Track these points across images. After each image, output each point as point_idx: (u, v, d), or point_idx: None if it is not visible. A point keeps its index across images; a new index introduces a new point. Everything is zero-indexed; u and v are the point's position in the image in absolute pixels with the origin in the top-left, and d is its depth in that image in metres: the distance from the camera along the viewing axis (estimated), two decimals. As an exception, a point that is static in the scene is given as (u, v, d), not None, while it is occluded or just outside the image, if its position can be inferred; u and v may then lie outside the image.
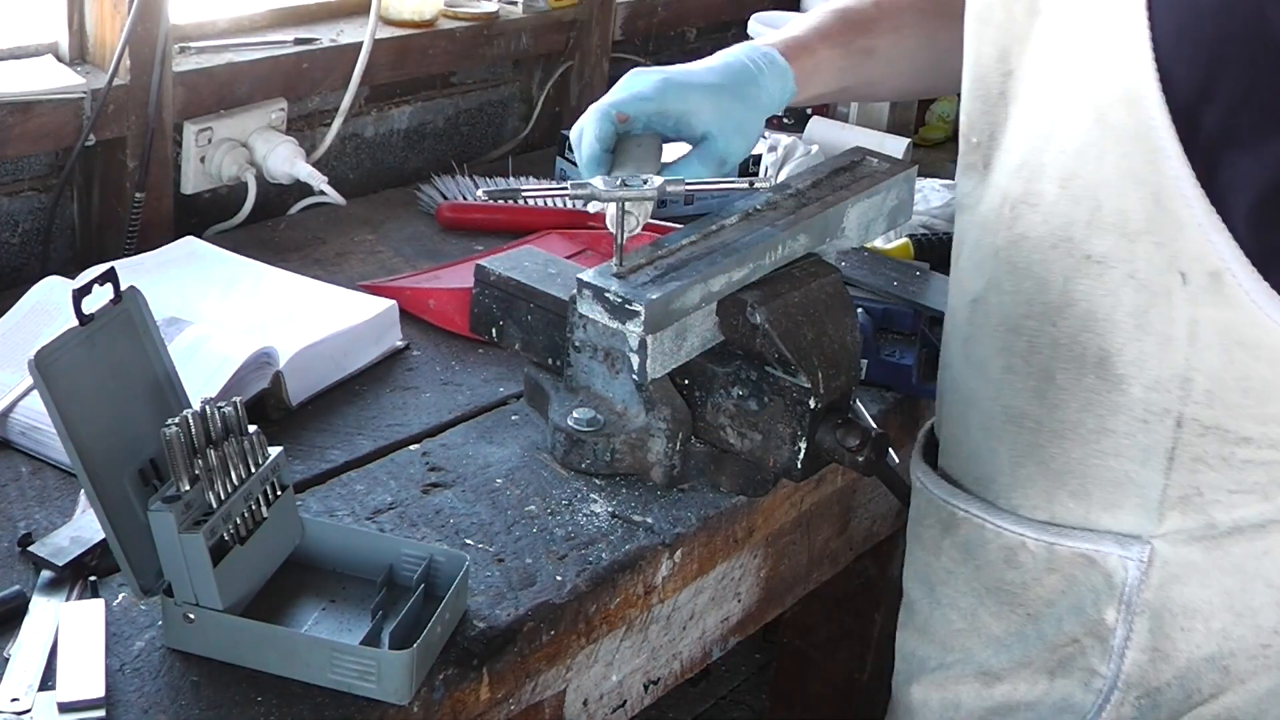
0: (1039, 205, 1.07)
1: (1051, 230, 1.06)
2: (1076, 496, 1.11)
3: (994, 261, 1.12)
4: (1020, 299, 1.10)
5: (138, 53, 1.63)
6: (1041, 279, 1.08)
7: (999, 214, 1.11)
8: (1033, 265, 1.08)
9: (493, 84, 2.19)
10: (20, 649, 1.03)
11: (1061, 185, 1.05)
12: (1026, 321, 1.10)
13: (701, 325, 1.27)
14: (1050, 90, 1.06)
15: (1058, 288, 1.07)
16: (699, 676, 2.26)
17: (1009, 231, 1.10)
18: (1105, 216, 1.02)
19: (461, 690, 1.08)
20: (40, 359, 0.97)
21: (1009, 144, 1.10)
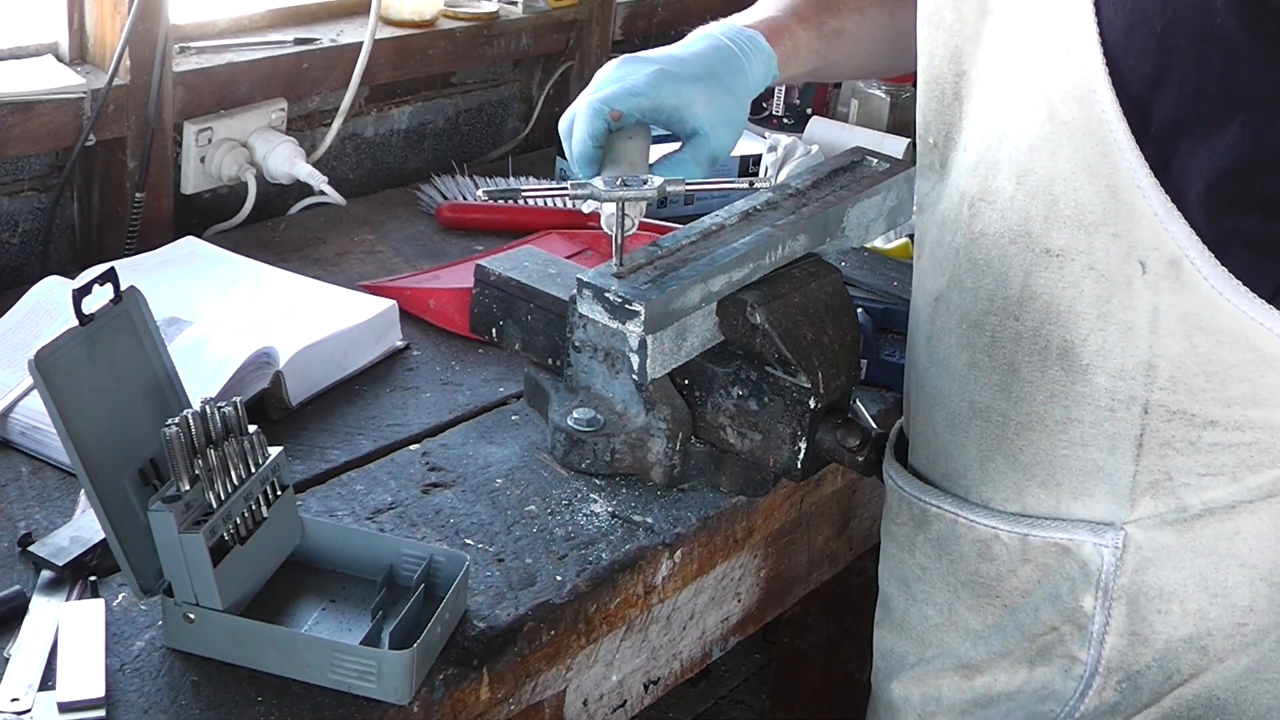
0: (996, 202, 1.08)
1: (1009, 226, 1.07)
2: (1046, 487, 1.12)
3: (954, 259, 1.13)
4: (981, 295, 1.11)
5: (138, 53, 1.63)
6: (1001, 274, 1.09)
7: (958, 212, 1.12)
8: (992, 261, 1.09)
9: (493, 84, 2.19)
10: (20, 649, 1.03)
11: (1017, 181, 1.06)
12: (988, 317, 1.11)
13: (701, 325, 1.27)
14: (1002, 88, 1.07)
15: (1018, 282, 1.08)
16: (699, 676, 2.27)
17: (968, 229, 1.11)
18: (1062, 210, 1.04)
19: (461, 690, 1.08)
20: (40, 359, 0.97)
21: (965, 143, 1.11)
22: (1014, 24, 1.05)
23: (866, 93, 2.18)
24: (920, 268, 1.21)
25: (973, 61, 1.09)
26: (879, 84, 2.17)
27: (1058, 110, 1.02)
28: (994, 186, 1.08)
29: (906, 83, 2.18)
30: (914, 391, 1.23)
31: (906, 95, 2.18)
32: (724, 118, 1.30)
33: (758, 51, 1.34)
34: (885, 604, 1.31)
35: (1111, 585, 1.11)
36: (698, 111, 1.29)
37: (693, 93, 1.29)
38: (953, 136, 1.13)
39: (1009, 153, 1.06)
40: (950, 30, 1.11)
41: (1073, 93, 1.01)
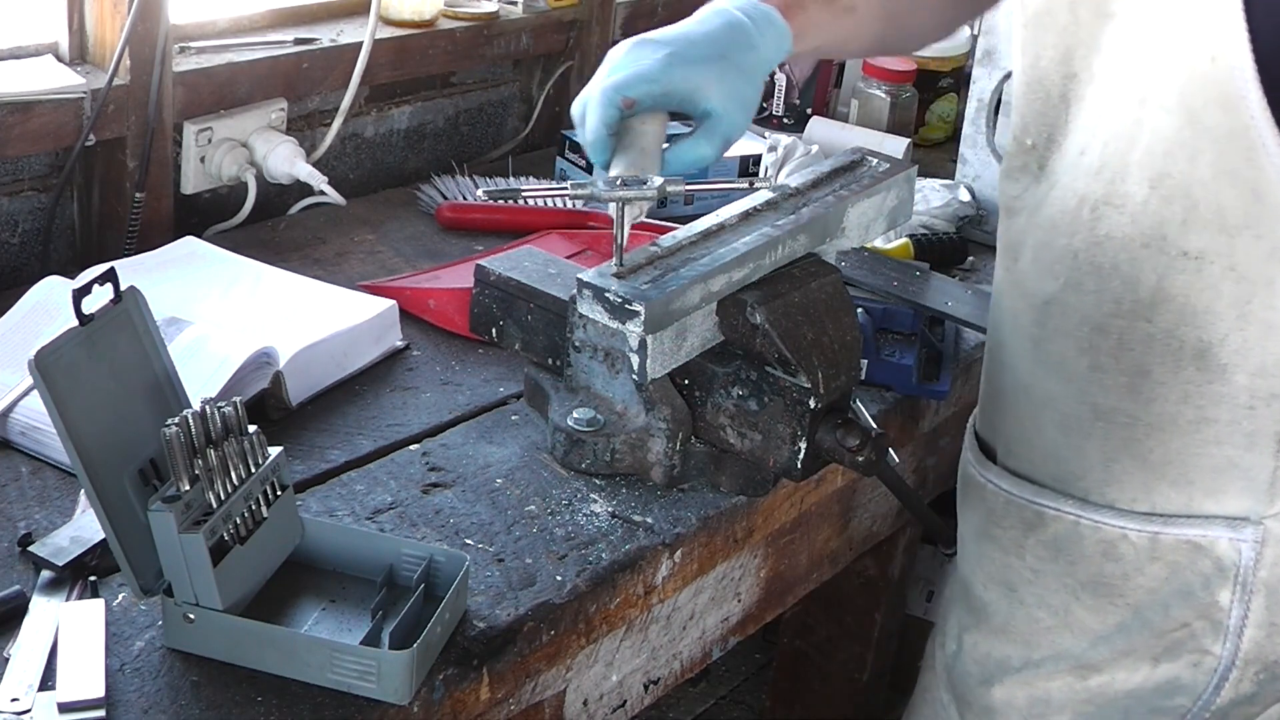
0: (1125, 206, 1.08)
1: (1141, 230, 1.07)
2: (1178, 486, 1.13)
3: (1070, 263, 1.13)
4: (1106, 298, 1.11)
5: (138, 53, 1.63)
6: (1131, 277, 1.09)
7: (1075, 216, 1.11)
8: (1120, 264, 1.09)
9: (493, 84, 2.19)
10: (20, 649, 1.03)
11: (1151, 186, 1.06)
12: (1114, 320, 1.11)
13: (701, 325, 1.27)
14: (1128, 92, 1.06)
15: (1150, 285, 1.08)
16: (699, 676, 2.27)
17: (1089, 233, 1.10)
18: (1202, 214, 1.04)
19: (461, 690, 1.08)
20: (40, 359, 0.97)
21: (1075, 146, 1.11)
22: (1143, 28, 1.05)
23: (866, 93, 2.18)
24: (1018, 271, 1.19)
25: (1086, 65, 1.09)
26: (879, 84, 2.17)
27: (1199, 115, 1.02)
28: (1122, 190, 1.08)
29: (907, 82, 2.18)
30: (1010, 394, 1.23)
31: (907, 95, 2.18)
32: (736, 99, 1.28)
33: (771, 26, 1.31)
34: (982, 609, 1.30)
35: (1251, 579, 1.12)
36: (710, 94, 1.27)
37: (705, 75, 1.27)
38: (1056, 139, 1.13)
39: (1140, 157, 1.06)
40: (1063, 32, 1.10)
41: (1218, 98, 1.01)
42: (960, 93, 2.24)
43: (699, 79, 1.27)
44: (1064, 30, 1.10)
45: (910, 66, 2.18)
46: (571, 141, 2.00)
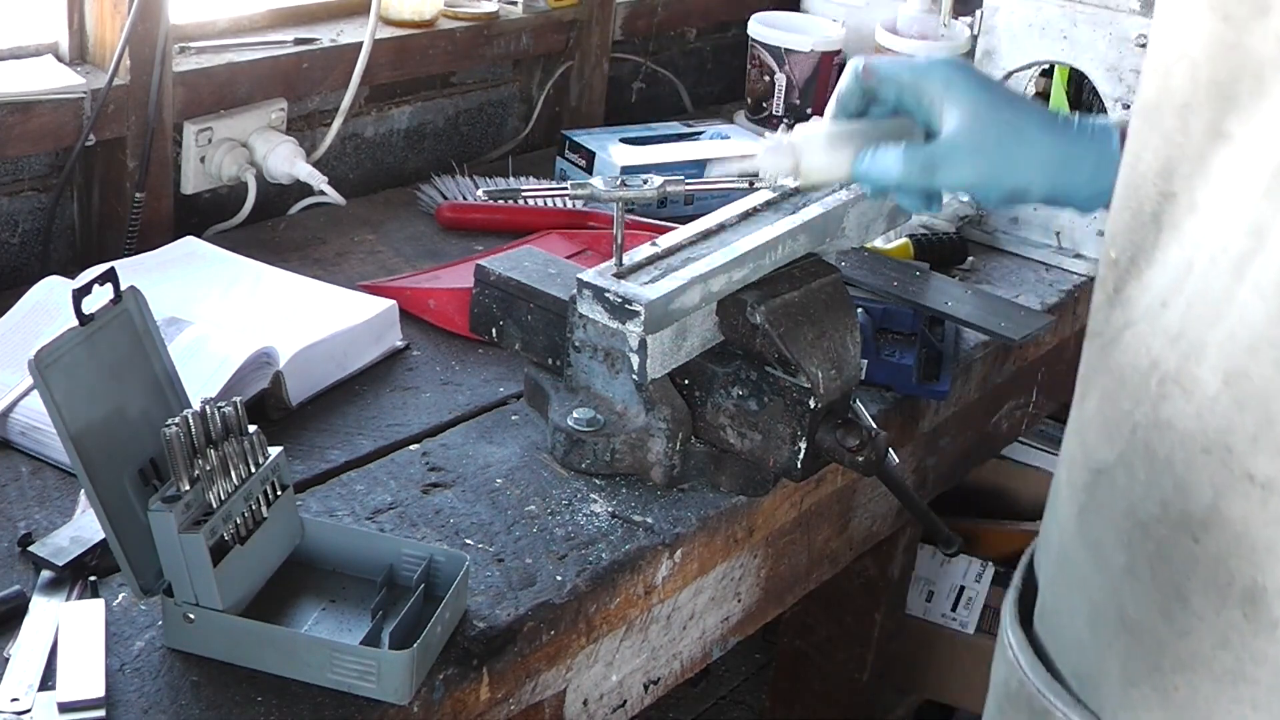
0: (1193, 393, 0.87)
1: (1205, 429, 0.87)
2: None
3: (1129, 436, 0.93)
4: (1154, 494, 0.91)
5: (138, 53, 1.63)
6: (1184, 482, 0.88)
7: (1143, 382, 0.91)
8: (1175, 461, 0.89)
9: (493, 84, 2.19)
10: (20, 649, 1.03)
11: (1225, 381, 0.85)
12: (1158, 525, 0.91)
13: (701, 325, 1.27)
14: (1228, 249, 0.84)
15: (1205, 500, 0.87)
16: (699, 676, 2.27)
17: (1152, 410, 0.90)
18: (1278, 435, 0.84)
19: (461, 690, 1.08)
20: (40, 359, 0.97)
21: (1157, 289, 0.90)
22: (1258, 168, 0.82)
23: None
24: (1083, 413, 0.99)
25: (1190, 188, 0.87)
26: (879, 84, 2.16)
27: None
28: (1194, 373, 0.87)
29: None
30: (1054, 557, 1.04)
31: (906, 95, 2.17)
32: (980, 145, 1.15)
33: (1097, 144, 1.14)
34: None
35: None
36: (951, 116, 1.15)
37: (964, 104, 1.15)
38: (1139, 265, 0.92)
39: (1221, 340, 0.85)
40: (1168, 138, 0.88)
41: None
42: (960, 93, 2.23)
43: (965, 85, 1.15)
44: (1169, 137, 0.87)
45: (910, 66, 2.18)
46: (572, 141, 2.00)
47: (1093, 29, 1.79)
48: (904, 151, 1.17)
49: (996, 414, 1.86)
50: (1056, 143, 1.17)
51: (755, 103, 2.25)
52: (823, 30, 2.24)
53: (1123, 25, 1.76)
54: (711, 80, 2.57)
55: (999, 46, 1.87)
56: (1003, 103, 1.17)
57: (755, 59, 2.23)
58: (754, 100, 2.26)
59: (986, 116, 1.16)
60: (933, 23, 2.26)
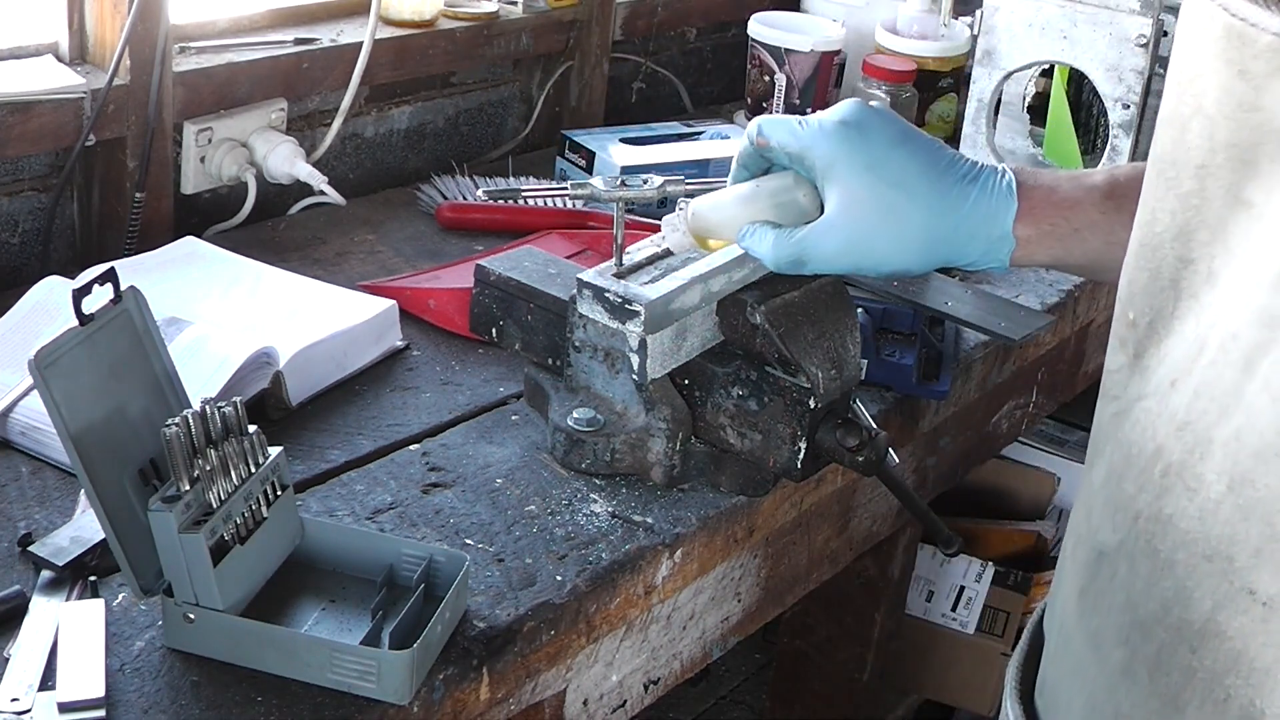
0: (1197, 493, 0.79)
1: (1207, 535, 0.79)
2: None
3: (1132, 525, 0.84)
4: (1155, 595, 0.83)
5: (138, 53, 1.63)
6: (1184, 589, 0.81)
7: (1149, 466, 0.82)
8: (1176, 564, 0.81)
9: (493, 84, 2.19)
10: (20, 649, 1.03)
11: (1230, 486, 0.77)
12: (1157, 628, 0.83)
13: (701, 325, 1.27)
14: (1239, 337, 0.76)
15: (1203, 610, 0.80)
16: (699, 676, 2.26)
17: (1155, 501, 0.82)
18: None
19: (461, 690, 1.08)
20: (40, 359, 0.97)
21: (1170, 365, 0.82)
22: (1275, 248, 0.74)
23: (867, 93, 2.17)
24: (1091, 481, 0.91)
25: (1208, 256, 0.78)
26: (879, 84, 2.16)
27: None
28: (1198, 471, 0.79)
29: (907, 81, 2.17)
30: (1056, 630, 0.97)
31: (906, 95, 2.17)
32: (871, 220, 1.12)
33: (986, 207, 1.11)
34: None
35: None
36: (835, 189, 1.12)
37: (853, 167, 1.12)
38: (1158, 332, 0.83)
39: (1227, 438, 0.77)
40: (1184, 200, 0.79)
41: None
42: (960, 93, 2.23)
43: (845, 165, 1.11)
44: (1186, 199, 0.79)
45: (910, 67, 2.18)
46: (571, 141, 2.00)
47: (1093, 29, 1.79)
48: (774, 239, 1.16)
49: (996, 414, 1.86)
50: (939, 222, 1.13)
51: (755, 103, 2.25)
52: (823, 30, 2.24)
53: (1123, 25, 1.76)
54: (711, 80, 2.57)
55: (999, 46, 1.87)
56: (885, 182, 1.13)
57: (755, 59, 2.23)
58: (754, 100, 2.26)
59: (865, 202, 1.13)
60: (933, 23, 2.26)
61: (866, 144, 1.14)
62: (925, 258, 1.15)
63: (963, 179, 1.13)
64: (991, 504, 2.42)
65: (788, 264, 1.17)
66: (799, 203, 1.18)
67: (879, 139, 1.13)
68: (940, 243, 1.14)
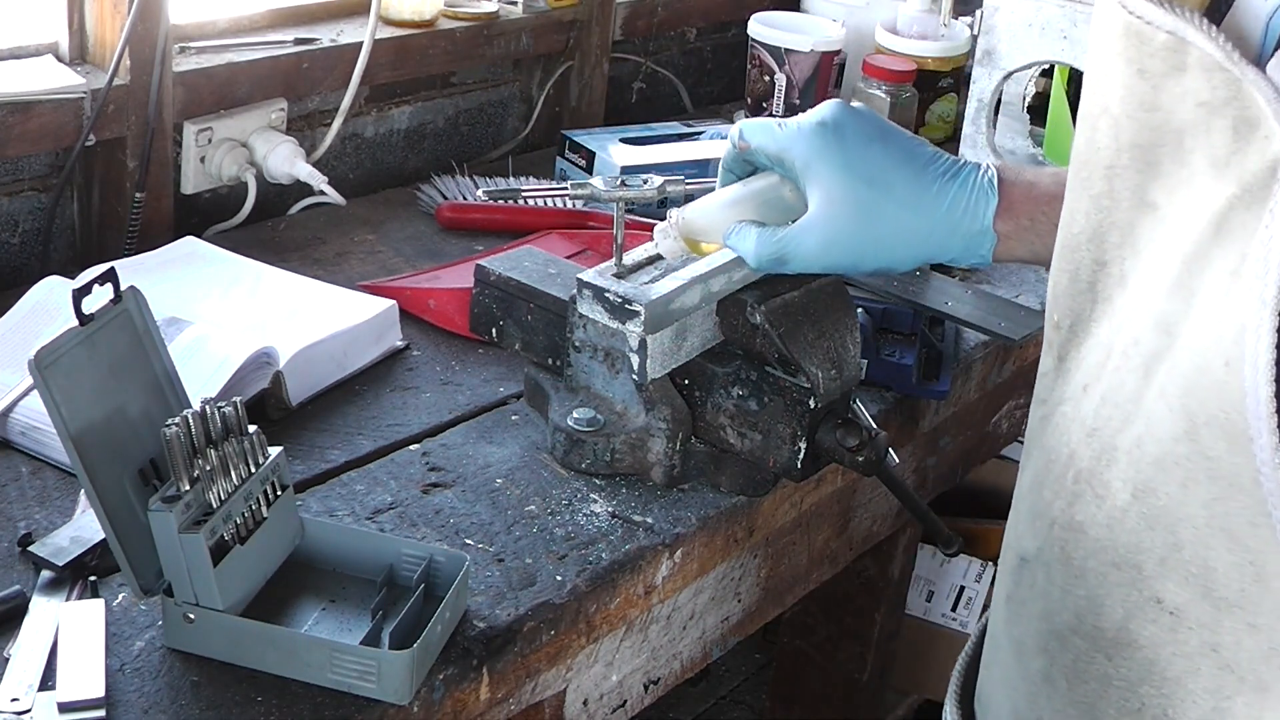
0: (1104, 500, 0.78)
1: (1116, 544, 0.78)
2: None
3: (1048, 531, 0.84)
4: (1069, 604, 0.83)
5: (138, 53, 1.63)
6: (1096, 598, 0.80)
7: (1062, 474, 0.83)
8: (1088, 572, 0.80)
9: (493, 84, 2.19)
10: (20, 649, 1.03)
11: (1134, 495, 0.76)
12: (1074, 637, 0.83)
13: (701, 325, 1.27)
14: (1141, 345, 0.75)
15: (1115, 619, 0.79)
16: (699, 676, 2.27)
17: (1068, 509, 0.82)
18: (1186, 563, 0.74)
19: (461, 690, 1.08)
20: (40, 359, 0.97)
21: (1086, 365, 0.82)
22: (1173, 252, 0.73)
23: (866, 93, 2.18)
24: (1020, 485, 0.92)
25: (1119, 259, 0.78)
26: (879, 84, 2.17)
27: (1200, 433, 0.71)
28: (1105, 478, 0.78)
29: (907, 81, 2.18)
30: (989, 640, 0.97)
31: (907, 95, 2.18)
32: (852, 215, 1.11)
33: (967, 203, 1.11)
34: None
35: None
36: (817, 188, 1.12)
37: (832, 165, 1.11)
38: (1078, 335, 0.83)
39: (1130, 446, 0.76)
40: (1096, 202, 0.79)
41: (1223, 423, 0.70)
42: (960, 93, 2.23)
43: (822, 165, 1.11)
44: (1098, 200, 0.79)
45: (910, 67, 2.18)
46: (571, 141, 2.00)
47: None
48: (756, 238, 1.17)
49: (996, 414, 1.86)
50: (917, 218, 1.13)
51: (755, 103, 2.25)
52: (823, 30, 2.24)
53: (1123, 25, 1.76)
54: (711, 80, 2.57)
55: (999, 46, 1.87)
56: (862, 180, 1.12)
57: (755, 59, 2.23)
58: (754, 100, 2.26)
59: (842, 200, 1.13)
60: (933, 23, 2.26)
61: (843, 143, 1.14)
62: (906, 254, 1.15)
63: (941, 175, 1.13)
64: (991, 504, 2.42)
65: (769, 262, 1.17)
66: (785, 201, 1.18)
67: (855, 138, 1.14)
68: (920, 239, 1.14)
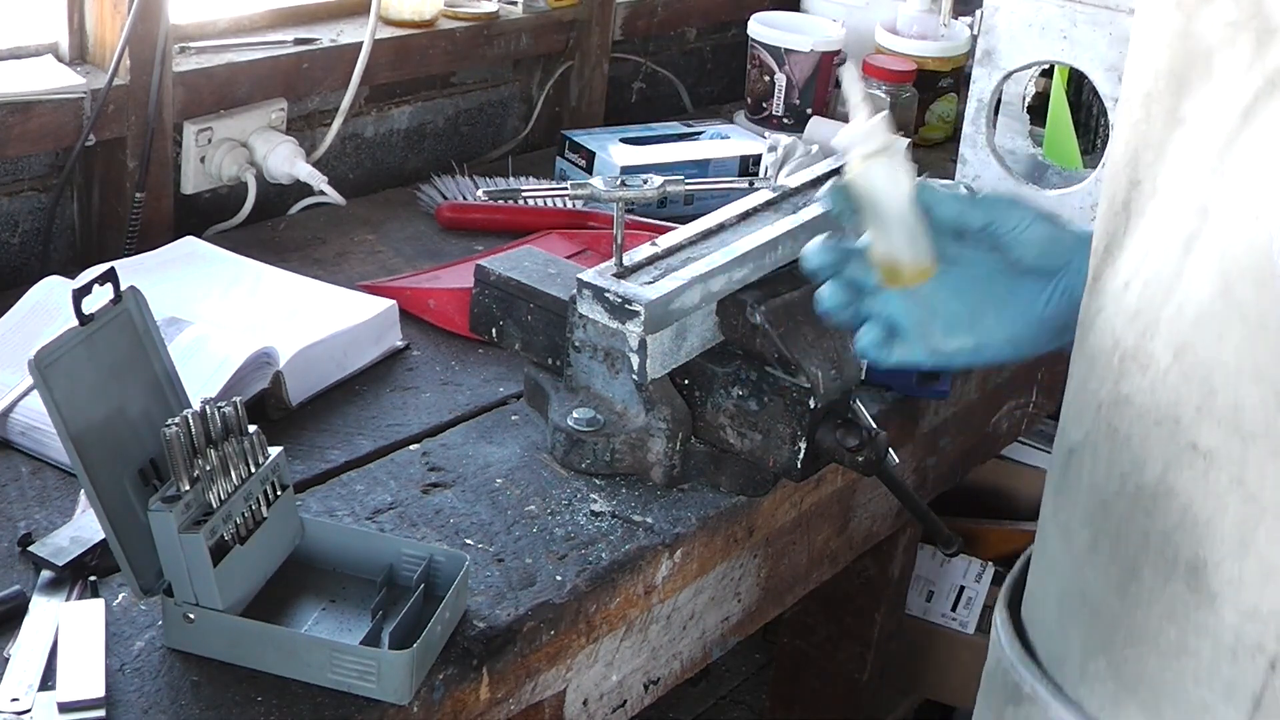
0: (1149, 369, 0.90)
1: (1158, 402, 0.89)
2: (1147, 711, 0.94)
3: (1094, 415, 0.95)
4: (1114, 471, 0.93)
5: (138, 53, 1.63)
6: (1140, 456, 0.91)
7: (1107, 361, 0.94)
8: (1133, 436, 0.91)
9: (493, 84, 2.19)
10: (20, 649, 1.03)
11: (1175, 355, 0.88)
12: (1118, 500, 0.93)
13: (701, 325, 1.27)
14: (1178, 229, 0.87)
15: (1156, 472, 0.90)
16: (699, 676, 2.27)
17: (1114, 387, 0.93)
18: (1218, 406, 0.86)
19: (461, 690, 1.08)
20: (40, 359, 0.97)
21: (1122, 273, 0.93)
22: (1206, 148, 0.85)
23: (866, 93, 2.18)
24: (1068, 396, 1.01)
25: (1151, 175, 0.90)
26: (879, 84, 2.17)
27: (1234, 285, 0.83)
28: (1149, 349, 0.90)
29: (907, 81, 2.18)
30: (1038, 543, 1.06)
31: (907, 95, 2.18)
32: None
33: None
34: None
35: None
36: None
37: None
38: (1113, 251, 0.94)
39: (1171, 314, 0.88)
40: (1134, 129, 0.91)
41: (1252, 269, 0.81)
42: (960, 93, 2.24)
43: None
44: (1135, 127, 0.90)
45: (910, 67, 2.18)
46: (571, 141, 2.00)
47: (1093, 29, 1.78)
48: None
49: (996, 414, 1.86)
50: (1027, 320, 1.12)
51: (755, 103, 2.25)
52: (823, 30, 2.24)
53: (1123, 25, 1.76)
54: (711, 80, 2.57)
55: (999, 46, 1.87)
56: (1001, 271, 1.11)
57: (755, 59, 2.24)
58: (754, 100, 2.26)
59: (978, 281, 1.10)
60: (933, 23, 2.27)
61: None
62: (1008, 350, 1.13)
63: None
64: (991, 504, 2.42)
65: None
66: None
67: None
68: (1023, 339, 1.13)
